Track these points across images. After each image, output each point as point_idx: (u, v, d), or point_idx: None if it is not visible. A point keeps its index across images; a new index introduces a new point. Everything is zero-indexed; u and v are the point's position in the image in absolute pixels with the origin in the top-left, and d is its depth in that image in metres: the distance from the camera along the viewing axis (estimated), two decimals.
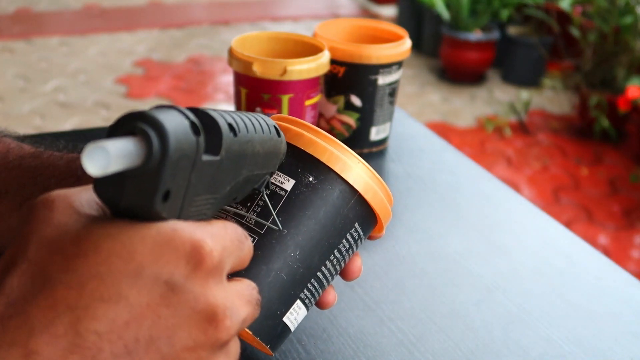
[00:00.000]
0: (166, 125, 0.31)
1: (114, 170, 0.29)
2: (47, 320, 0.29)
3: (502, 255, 0.69)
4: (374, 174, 0.48)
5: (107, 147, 0.28)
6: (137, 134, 0.31)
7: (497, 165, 2.68)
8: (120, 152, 0.29)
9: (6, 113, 2.88)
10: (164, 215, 0.32)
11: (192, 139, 0.33)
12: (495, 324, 0.59)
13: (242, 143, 0.38)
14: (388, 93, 0.84)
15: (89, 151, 0.28)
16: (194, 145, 0.33)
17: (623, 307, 0.63)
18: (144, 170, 0.31)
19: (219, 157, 0.35)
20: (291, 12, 4.40)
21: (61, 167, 0.58)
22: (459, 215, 0.76)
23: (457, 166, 0.88)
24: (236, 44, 0.77)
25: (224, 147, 0.35)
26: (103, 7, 4.27)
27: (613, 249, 2.21)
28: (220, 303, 0.32)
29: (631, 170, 2.65)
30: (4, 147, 0.61)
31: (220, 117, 0.36)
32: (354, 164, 0.46)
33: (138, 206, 0.32)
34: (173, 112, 0.33)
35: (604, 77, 2.86)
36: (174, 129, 0.31)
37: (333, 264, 0.47)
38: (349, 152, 0.47)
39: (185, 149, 0.32)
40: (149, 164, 0.31)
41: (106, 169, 0.28)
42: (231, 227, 0.35)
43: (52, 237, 0.31)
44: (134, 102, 3.04)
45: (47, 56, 3.49)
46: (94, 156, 0.28)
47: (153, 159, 0.30)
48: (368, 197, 0.47)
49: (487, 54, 3.32)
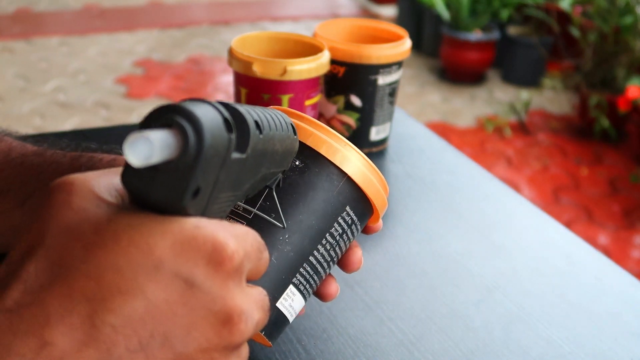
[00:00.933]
0: (202, 120, 0.30)
1: (154, 162, 0.28)
2: (63, 310, 0.29)
3: (502, 255, 0.69)
4: (364, 158, 0.46)
5: (150, 137, 0.28)
6: (173, 126, 0.30)
7: (497, 165, 2.68)
8: (162, 144, 0.28)
9: (6, 113, 2.88)
10: (190, 212, 0.31)
11: (225, 135, 0.32)
12: (495, 324, 0.59)
13: (266, 141, 0.37)
14: (388, 93, 0.84)
15: (131, 141, 0.27)
16: (226, 142, 0.32)
17: (623, 307, 0.63)
18: (178, 165, 0.30)
19: (245, 155, 0.34)
20: (291, 12, 4.40)
21: (65, 165, 0.58)
22: (459, 215, 0.76)
23: (457, 166, 0.88)
24: (236, 44, 0.77)
25: (251, 145, 0.35)
26: (103, 7, 4.27)
27: (613, 249, 2.21)
28: (237, 306, 0.32)
29: (631, 170, 2.65)
30: (5, 146, 0.61)
31: (247, 113, 0.35)
32: (341, 147, 0.45)
33: (166, 201, 0.31)
34: (207, 106, 0.32)
35: (604, 77, 2.86)
36: (209, 124, 0.30)
37: (326, 249, 0.46)
38: (336, 135, 0.46)
39: (219, 145, 0.31)
40: (185, 159, 0.30)
41: (148, 160, 0.28)
42: (253, 234, 0.35)
43: (71, 223, 0.31)
44: (134, 102, 3.04)
45: (47, 56, 3.49)
46: (136, 146, 0.27)
47: (189, 153, 0.30)
48: (358, 180, 0.46)
49: (487, 54, 3.32)
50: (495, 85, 3.40)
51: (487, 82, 3.42)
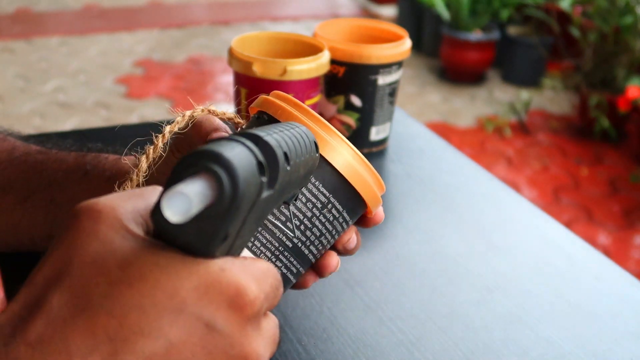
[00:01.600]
0: (237, 167, 0.30)
1: (193, 214, 0.28)
2: (85, 348, 0.29)
3: (502, 255, 0.69)
4: (339, 135, 0.45)
5: (187, 192, 0.28)
6: (207, 173, 0.30)
7: (497, 165, 2.68)
8: (199, 196, 0.28)
9: (6, 113, 2.88)
10: (217, 254, 0.32)
11: (258, 180, 0.32)
12: (495, 324, 0.59)
13: (292, 171, 0.37)
14: (388, 93, 0.84)
15: (168, 198, 0.28)
16: (259, 186, 0.32)
17: (623, 307, 0.63)
18: (211, 212, 0.30)
19: (273, 190, 0.34)
20: (291, 12, 4.40)
21: (69, 162, 0.58)
22: (459, 215, 0.76)
23: (457, 166, 0.88)
24: (236, 44, 0.77)
25: (279, 181, 0.34)
26: (103, 7, 4.27)
27: (613, 249, 2.21)
28: (254, 351, 0.33)
29: (631, 170, 2.65)
30: (9, 145, 0.61)
31: (278, 147, 0.35)
32: (307, 119, 0.44)
33: (195, 245, 0.31)
34: (240, 147, 0.31)
35: (604, 77, 2.86)
36: (243, 170, 0.30)
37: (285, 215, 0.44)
38: (310, 113, 0.45)
39: (252, 190, 0.31)
40: (219, 207, 0.30)
41: (187, 215, 0.28)
42: (273, 273, 0.35)
43: (97, 255, 0.31)
44: (134, 102, 3.04)
45: (47, 56, 3.49)
46: (174, 203, 0.28)
47: (223, 201, 0.29)
48: (325, 155, 0.44)
49: (487, 54, 3.32)
50: (495, 85, 3.40)
51: (487, 82, 3.42)
